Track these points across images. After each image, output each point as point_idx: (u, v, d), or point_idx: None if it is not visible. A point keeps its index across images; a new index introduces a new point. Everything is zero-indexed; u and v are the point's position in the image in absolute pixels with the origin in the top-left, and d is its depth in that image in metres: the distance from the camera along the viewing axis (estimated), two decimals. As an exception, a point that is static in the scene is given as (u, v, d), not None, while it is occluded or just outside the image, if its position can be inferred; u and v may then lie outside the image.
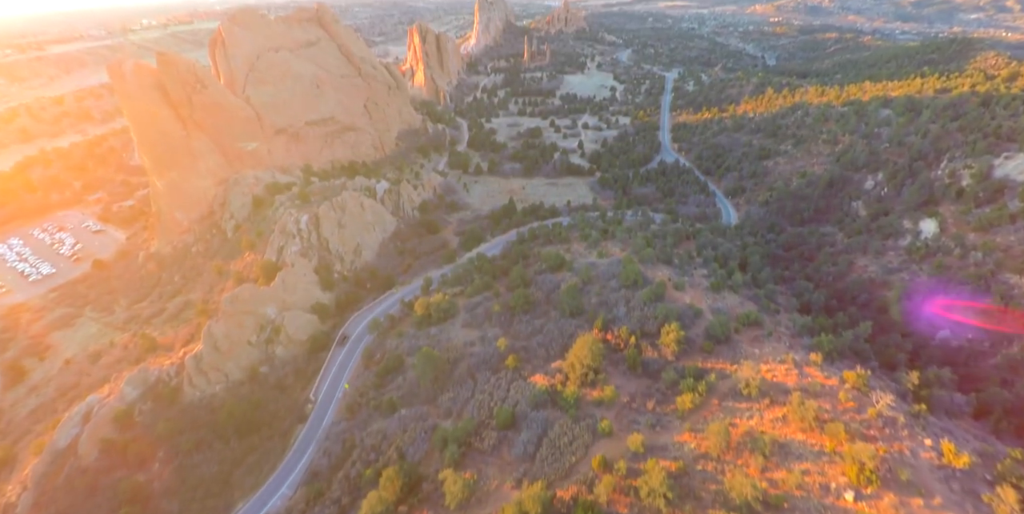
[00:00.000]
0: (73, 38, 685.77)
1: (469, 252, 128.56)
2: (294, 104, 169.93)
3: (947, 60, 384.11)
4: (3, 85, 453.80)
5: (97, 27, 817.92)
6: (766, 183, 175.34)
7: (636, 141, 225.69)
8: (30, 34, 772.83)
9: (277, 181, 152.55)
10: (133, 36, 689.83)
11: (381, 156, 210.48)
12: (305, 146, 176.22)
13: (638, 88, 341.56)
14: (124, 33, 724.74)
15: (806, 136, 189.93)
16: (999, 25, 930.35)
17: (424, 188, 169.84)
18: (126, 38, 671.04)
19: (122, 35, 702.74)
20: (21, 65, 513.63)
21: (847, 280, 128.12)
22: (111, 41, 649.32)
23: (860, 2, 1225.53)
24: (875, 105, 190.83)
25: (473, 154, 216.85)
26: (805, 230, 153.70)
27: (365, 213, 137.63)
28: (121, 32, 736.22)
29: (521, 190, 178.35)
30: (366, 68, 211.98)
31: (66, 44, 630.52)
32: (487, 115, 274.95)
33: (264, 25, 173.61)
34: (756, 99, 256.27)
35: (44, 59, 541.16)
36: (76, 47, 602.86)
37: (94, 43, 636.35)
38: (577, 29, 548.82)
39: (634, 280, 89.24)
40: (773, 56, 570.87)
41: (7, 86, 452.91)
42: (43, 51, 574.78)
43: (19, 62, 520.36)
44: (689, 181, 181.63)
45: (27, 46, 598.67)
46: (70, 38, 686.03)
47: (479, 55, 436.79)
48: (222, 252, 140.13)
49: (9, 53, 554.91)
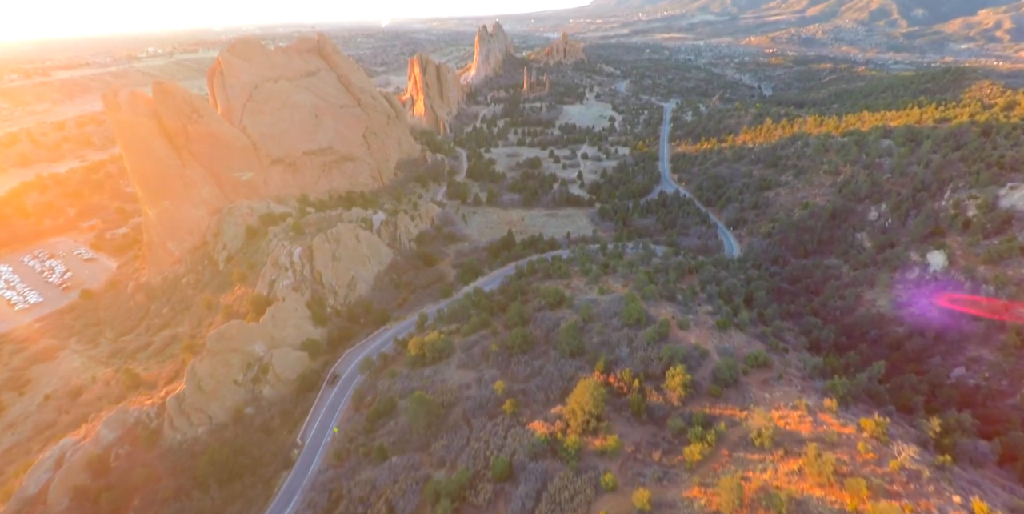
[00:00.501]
0: (79, 64, 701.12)
1: (467, 286, 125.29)
2: (292, 134, 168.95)
3: (942, 89, 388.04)
4: (7, 109, 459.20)
5: (104, 54, 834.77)
6: (768, 214, 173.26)
7: (635, 171, 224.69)
8: (37, 60, 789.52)
9: (272, 211, 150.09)
10: (138, 63, 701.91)
11: (379, 186, 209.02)
12: (302, 176, 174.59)
13: (637, 118, 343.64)
14: (129, 60, 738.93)
15: (807, 166, 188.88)
16: (990, 55, 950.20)
17: (422, 219, 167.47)
18: (131, 65, 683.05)
19: (127, 62, 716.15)
20: (26, 90, 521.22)
21: (855, 315, 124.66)
22: (116, 68, 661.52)
23: (853, 33, 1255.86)
24: (875, 135, 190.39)
25: (472, 184, 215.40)
26: (809, 262, 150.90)
27: (360, 245, 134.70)
28: (127, 59, 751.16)
29: (520, 221, 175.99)
30: (365, 98, 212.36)
31: (72, 70, 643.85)
32: (486, 145, 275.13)
33: (263, 56, 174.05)
34: (755, 129, 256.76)
35: (49, 84, 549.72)
36: (81, 73, 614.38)
37: (99, 70, 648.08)
38: (576, 60, 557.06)
39: (637, 318, 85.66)
40: (769, 86, 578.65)
41: (11, 110, 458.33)
42: (48, 77, 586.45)
43: (24, 87, 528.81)
44: (690, 212, 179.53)
45: (33, 71, 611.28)
46: (76, 64, 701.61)
47: (479, 85, 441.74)
48: (213, 284, 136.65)
49: (15, 78, 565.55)
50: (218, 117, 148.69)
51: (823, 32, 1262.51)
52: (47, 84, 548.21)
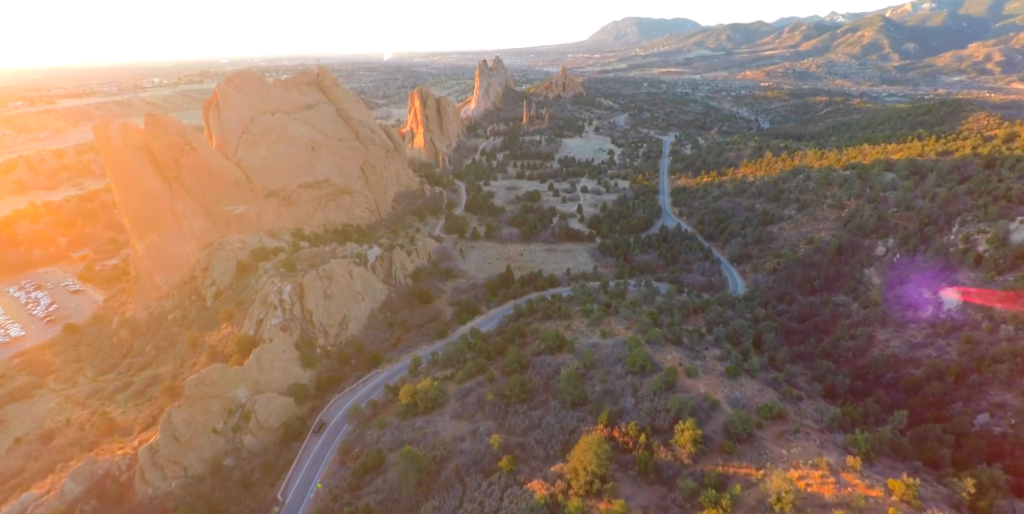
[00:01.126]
0: (85, 93, 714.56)
1: (463, 325, 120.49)
2: (287, 167, 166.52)
3: (939, 121, 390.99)
4: (9, 136, 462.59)
5: (111, 83, 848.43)
6: (772, 249, 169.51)
7: (636, 205, 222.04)
8: (44, 88, 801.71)
9: (264, 246, 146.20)
10: (143, 93, 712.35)
11: (376, 219, 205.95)
12: (297, 209, 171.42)
13: (636, 151, 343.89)
14: (135, 90, 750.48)
15: (810, 200, 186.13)
16: (982, 87, 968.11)
17: (418, 254, 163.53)
18: (136, 95, 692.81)
19: (133, 92, 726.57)
20: (30, 117, 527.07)
21: (869, 356, 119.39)
22: (121, 97, 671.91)
23: (846, 67, 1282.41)
24: (878, 169, 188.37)
25: (470, 218, 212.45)
26: (818, 300, 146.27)
27: (354, 282, 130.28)
28: (132, 89, 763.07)
29: (519, 256, 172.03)
30: (364, 131, 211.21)
31: (77, 99, 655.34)
32: (486, 178, 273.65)
33: (261, 88, 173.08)
34: (755, 163, 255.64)
35: (53, 112, 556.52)
36: (86, 102, 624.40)
37: (104, 99, 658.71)
38: (575, 94, 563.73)
39: (642, 365, 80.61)
40: (766, 119, 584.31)
41: (13, 137, 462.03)
42: (53, 104, 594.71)
43: (28, 114, 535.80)
44: (692, 247, 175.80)
45: (38, 99, 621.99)
46: (82, 93, 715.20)
47: (479, 118, 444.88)
48: (199, 321, 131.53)
49: (20, 105, 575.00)
50: (212, 150, 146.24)
51: (817, 66, 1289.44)
52: (51, 112, 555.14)
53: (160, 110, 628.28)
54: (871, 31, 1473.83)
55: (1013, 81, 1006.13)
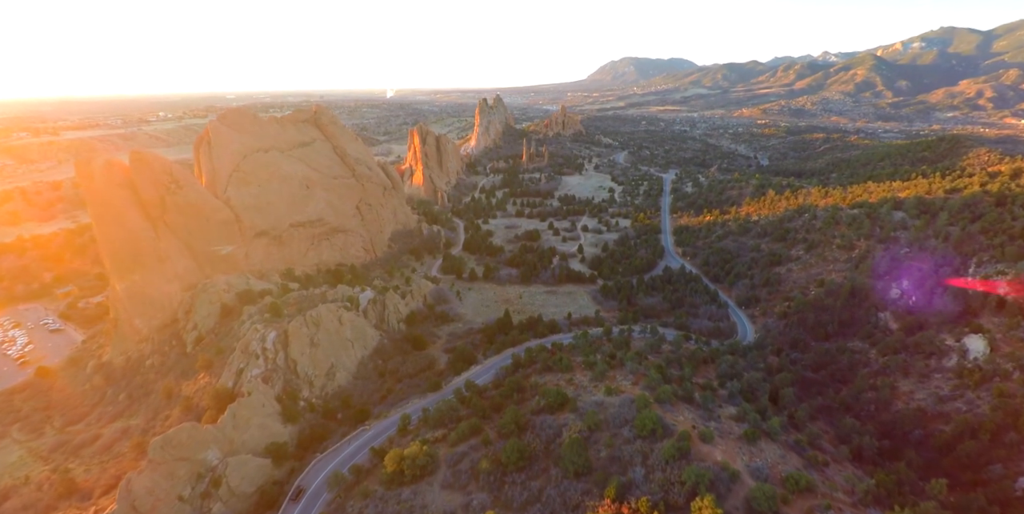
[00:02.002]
0: (90, 125, 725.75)
1: (458, 376, 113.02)
2: (279, 205, 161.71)
3: (939, 157, 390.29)
4: (11, 166, 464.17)
5: (117, 117, 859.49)
6: (781, 292, 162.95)
7: (638, 245, 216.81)
8: (51, 119, 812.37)
9: (251, 288, 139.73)
10: (147, 127, 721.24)
11: (372, 258, 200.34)
12: (288, 249, 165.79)
13: (636, 189, 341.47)
14: (139, 124, 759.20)
15: (818, 240, 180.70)
16: (975, 122, 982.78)
17: (413, 296, 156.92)
18: (140, 128, 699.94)
19: (137, 125, 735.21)
20: (32, 148, 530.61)
21: (893, 411, 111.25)
22: (125, 130, 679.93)
23: (840, 104, 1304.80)
24: (887, 207, 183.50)
25: (468, 258, 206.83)
26: (832, 346, 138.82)
27: (343, 328, 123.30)
28: (137, 122, 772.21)
29: (518, 299, 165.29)
30: (361, 169, 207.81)
31: (81, 131, 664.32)
32: (485, 216, 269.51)
33: (255, 125, 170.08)
34: (758, 201, 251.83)
35: (56, 143, 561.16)
36: (90, 134, 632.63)
37: (108, 131, 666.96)
38: (574, 132, 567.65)
39: (652, 429, 73.04)
40: (765, 156, 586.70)
41: (14, 167, 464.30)
42: (57, 136, 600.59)
43: (31, 145, 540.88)
44: (698, 290, 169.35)
45: (42, 130, 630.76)
46: (87, 125, 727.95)
47: (479, 156, 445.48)
48: (178, 369, 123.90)
49: (24, 135, 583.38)
50: (199, 188, 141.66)
51: (812, 103, 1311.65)
52: (54, 143, 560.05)
53: (163, 143, 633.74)
54: (863, 70, 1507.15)
55: (1006, 116, 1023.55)
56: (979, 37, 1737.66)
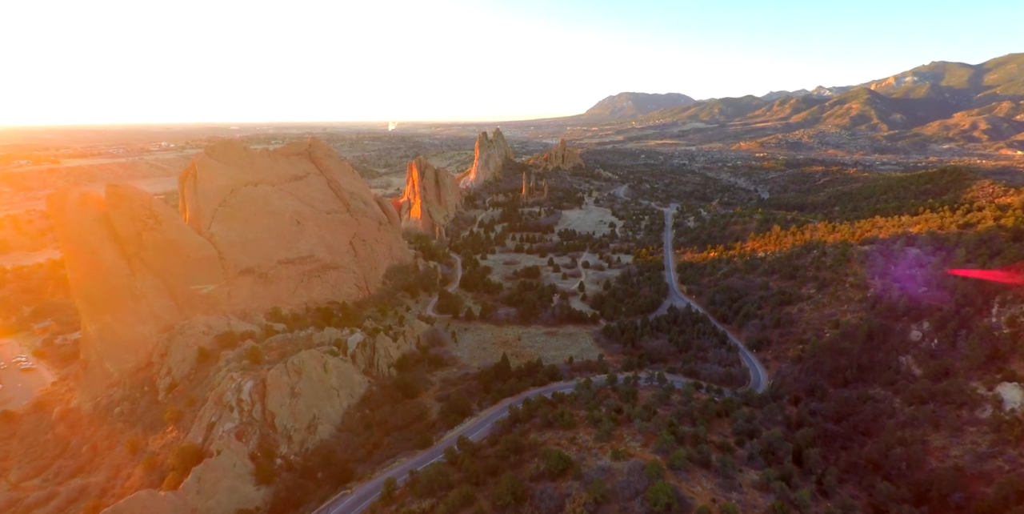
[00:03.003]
0: (92, 154, 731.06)
1: (451, 429, 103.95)
2: (267, 242, 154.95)
3: (943, 190, 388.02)
4: (8, 193, 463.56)
5: (119, 146, 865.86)
6: (794, 334, 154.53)
7: (641, 282, 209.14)
8: (54, 147, 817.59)
9: (232, 330, 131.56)
10: (148, 156, 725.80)
11: (365, 296, 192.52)
12: (275, 287, 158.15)
13: (637, 224, 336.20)
14: (141, 153, 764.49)
15: (829, 278, 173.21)
16: (971, 153, 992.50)
17: (406, 338, 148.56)
18: (141, 157, 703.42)
19: (138, 155, 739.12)
20: (31, 175, 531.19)
21: (927, 469, 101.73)
22: (125, 159, 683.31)
23: (837, 137, 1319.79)
24: (900, 244, 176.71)
25: (465, 296, 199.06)
26: (852, 394, 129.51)
27: (328, 376, 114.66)
28: (139, 152, 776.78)
29: (516, 341, 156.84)
30: (356, 203, 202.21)
31: (82, 159, 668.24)
32: (483, 251, 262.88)
33: (245, 159, 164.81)
34: (763, 236, 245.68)
35: (56, 171, 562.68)
36: (90, 162, 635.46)
37: (109, 160, 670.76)
38: (574, 166, 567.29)
39: (667, 503, 64.03)
40: (765, 189, 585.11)
41: (12, 195, 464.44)
42: (57, 164, 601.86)
43: (30, 172, 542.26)
44: (705, 331, 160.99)
45: (43, 158, 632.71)
46: (89, 153, 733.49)
47: (478, 189, 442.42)
48: (148, 418, 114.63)
49: (24, 163, 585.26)
50: (180, 224, 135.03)
51: (809, 137, 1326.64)
52: (54, 171, 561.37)
53: (163, 173, 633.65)
54: (858, 103, 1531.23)
55: (1001, 147, 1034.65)
56: (970, 71, 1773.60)
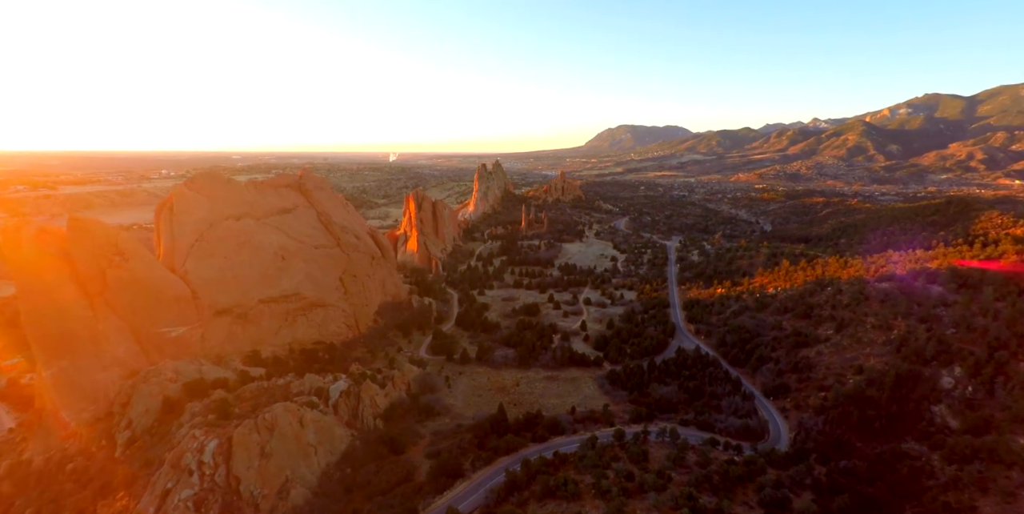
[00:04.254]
0: (91, 181, 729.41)
1: (440, 495, 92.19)
2: (248, 279, 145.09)
3: (950, 221, 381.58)
4: (3, 218, 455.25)
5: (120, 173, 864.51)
6: (814, 380, 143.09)
7: (646, 321, 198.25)
8: (54, 173, 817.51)
9: (204, 376, 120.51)
10: (147, 184, 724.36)
11: (354, 335, 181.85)
12: (256, 327, 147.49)
13: (640, 258, 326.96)
14: (140, 180, 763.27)
15: (848, 318, 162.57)
16: (970, 183, 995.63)
17: (395, 385, 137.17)
18: (140, 185, 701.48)
19: (137, 182, 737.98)
20: (27, 201, 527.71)
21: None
22: (123, 187, 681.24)
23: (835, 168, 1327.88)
24: (921, 281, 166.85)
25: (461, 335, 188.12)
26: (885, 450, 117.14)
27: (305, 432, 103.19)
28: (138, 179, 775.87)
29: (515, 387, 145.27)
30: (347, 238, 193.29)
31: (81, 186, 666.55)
32: (481, 286, 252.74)
33: (228, 191, 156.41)
34: (772, 272, 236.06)
35: (52, 197, 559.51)
36: (88, 189, 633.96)
37: (106, 187, 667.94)
38: (573, 198, 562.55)
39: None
40: (767, 221, 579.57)
41: (5, 220, 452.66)
42: (54, 190, 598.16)
43: (26, 198, 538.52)
44: (717, 376, 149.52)
45: (40, 184, 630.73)
46: (87, 180, 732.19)
47: (477, 221, 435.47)
48: (100, 479, 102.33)
49: (20, 189, 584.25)
50: (149, 260, 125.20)
51: (806, 168, 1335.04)
52: (50, 197, 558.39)
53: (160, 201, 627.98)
54: (854, 135, 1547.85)
55: (999, 177, 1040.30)
56: (963, 102, 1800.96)
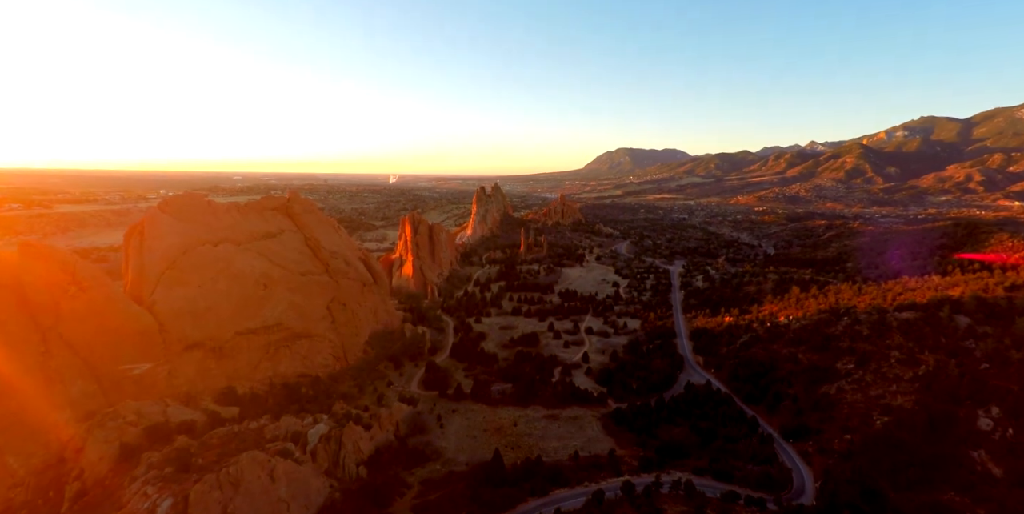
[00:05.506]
0: (87, 199, 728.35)
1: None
2: (224, 310, 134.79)
3: (958, 245, 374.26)
4: None
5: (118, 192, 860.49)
6: (837, 420, 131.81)
7: (651, 352, 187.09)
8: (52, 192, 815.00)
9: (168, 419, 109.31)
10: (144, 203, 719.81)
11: (342, 367, 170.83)
12: (232, 362, 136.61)
13: (643, 283, 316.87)
14: (137, 200, 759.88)
15: (869, 352, 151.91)
16: (969, 205, 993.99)
17: (382, 426, 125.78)
18: (136, 205, 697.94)
19: (134, 202, 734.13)
20: (20, 219, 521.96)
21: None
22: (119, 206, 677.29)
23: (834, 190, 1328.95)
24: (946, 311, 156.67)
25: (456, 368, 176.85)
26: (923, 503, 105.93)
27: (276, 486, 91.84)
28: (135, 199, 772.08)
29: (512, 427, 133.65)
30: (336, 263, 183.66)
31: (76, 205, 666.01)
32: (478, 314, 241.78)
33: (206, 214, 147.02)
34: (782, 299, 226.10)
35: (46, 216, 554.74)
36: (83, 208, 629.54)
37: (102, 206, 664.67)
38: (573, 221, 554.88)
39: None
40: (770, 244, 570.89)
41: None
42: (49, 209, 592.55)
43: (20, 216, 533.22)
44: (731, 415, 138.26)
45: (35, 202, 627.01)
46: (84, 199, 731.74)
47: (475, 245, 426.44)
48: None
49: (15, 207, 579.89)
50: (110, 291, 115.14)
51: (805, 190, 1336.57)
52: (44, 216, 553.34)
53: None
54: (852, 157, 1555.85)
55: (998, 198, 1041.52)
56: (959, 125, 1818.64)
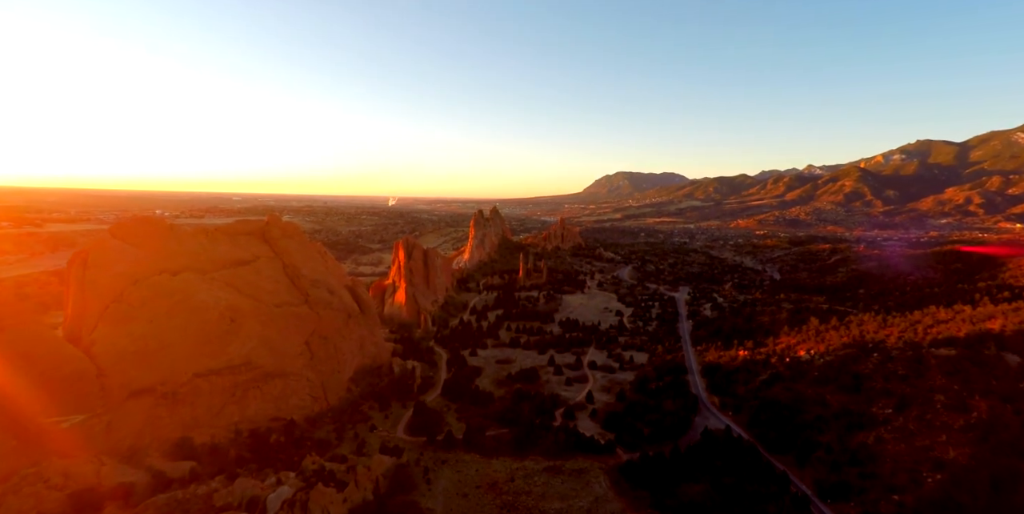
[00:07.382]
0: (82, 219, 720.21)
1: None
2: (180, 348, 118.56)
3: (975, 269, 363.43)
4: None
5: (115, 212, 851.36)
6: (880, 477, 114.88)
7: (662, 391, 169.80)
8: (47, 210, 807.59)
9: (102, 481, 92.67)
10: None
11: (321, 409, 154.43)
12: (189, 408, 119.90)
13: (648, 312, 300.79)
14: None
15: (909, 395, 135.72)
16: (971, 228, 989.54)
17: (359, 484, 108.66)
18: None
19: None
20: (9, 238, 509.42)
21: None
22: None
23: (834, 214, 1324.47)
24: (992, 348, 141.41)
25: (448, 409, 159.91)
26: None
27: (216, 573, 75.16)
28: None
29: (509, 483, 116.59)
30: (318, 293, 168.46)
31: (70, 224, 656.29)
32: (473, 345, 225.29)
33: (165, 239, 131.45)
34: (800, 331, 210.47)
35: (36, 235, 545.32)
36: (75, 228, 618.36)
37: (96, 225, 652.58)
38: (573, 245, 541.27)
39: None
40: (775, 269, 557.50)
41: None
42: (39, 228, 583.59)
43: (9, 235, 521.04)
44: (757, 469, 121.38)
45: (26, 221, 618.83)
46: (79, 219, 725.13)
47: (472, 270, 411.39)
48: None
49: (5, 225, 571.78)
50: (35, 330, 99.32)
51: (805, 214, 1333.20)
52: (34, 234, 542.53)
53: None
54: (851, 181, 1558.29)
55: (999, 221, 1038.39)
56: (955, 148, 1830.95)
